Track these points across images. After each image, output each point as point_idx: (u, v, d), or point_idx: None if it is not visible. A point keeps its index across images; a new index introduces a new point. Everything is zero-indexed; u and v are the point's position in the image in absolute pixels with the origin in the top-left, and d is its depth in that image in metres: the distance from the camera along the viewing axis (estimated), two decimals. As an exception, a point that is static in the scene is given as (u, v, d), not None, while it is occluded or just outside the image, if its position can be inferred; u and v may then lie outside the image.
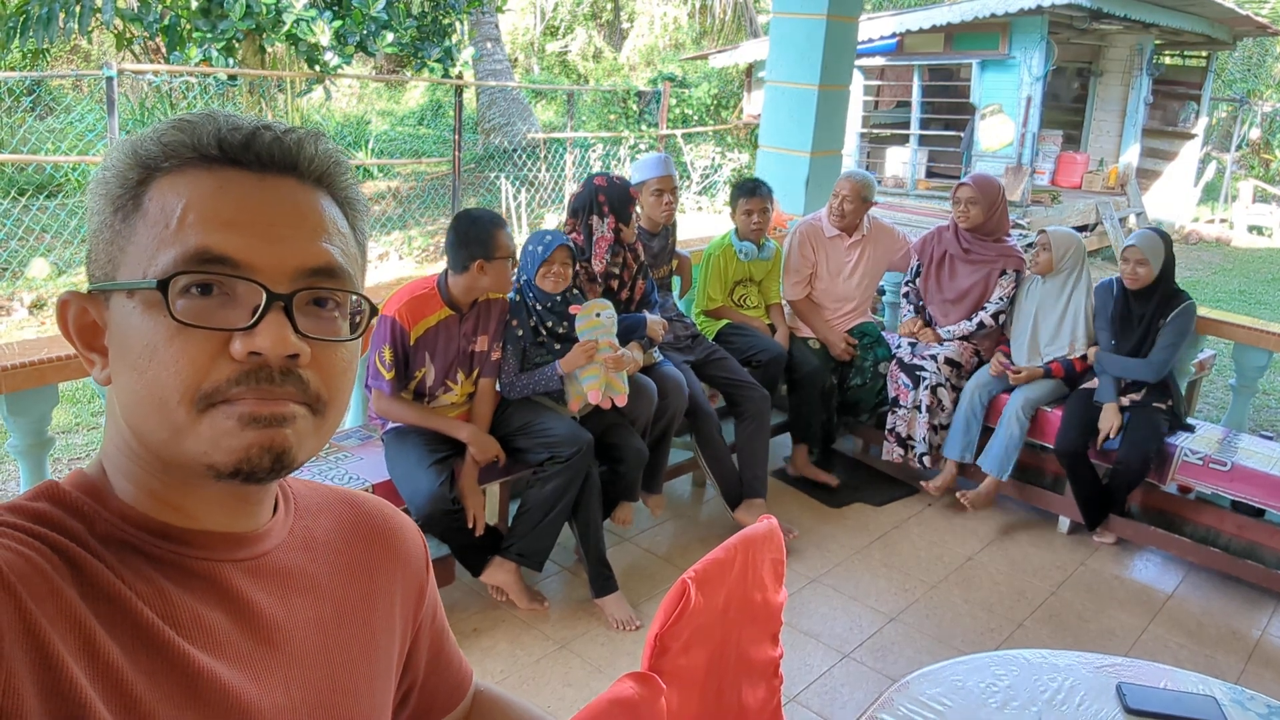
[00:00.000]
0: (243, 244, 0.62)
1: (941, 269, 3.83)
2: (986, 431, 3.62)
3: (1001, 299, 3.71)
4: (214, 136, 0.63)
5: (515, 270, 2.81)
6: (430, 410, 2.70)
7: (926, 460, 3.67)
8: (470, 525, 2.67)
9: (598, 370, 2.83)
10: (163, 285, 0.60)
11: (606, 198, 3.10)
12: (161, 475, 0.65)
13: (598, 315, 2.87)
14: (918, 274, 3.92)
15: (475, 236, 2.59)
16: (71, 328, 0.66)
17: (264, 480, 0.64)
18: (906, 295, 3.95)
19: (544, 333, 2.89)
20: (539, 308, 2.87)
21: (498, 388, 2.87)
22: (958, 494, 3.61)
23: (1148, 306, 3.38)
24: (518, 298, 2.87)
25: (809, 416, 3.78)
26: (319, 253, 0.65)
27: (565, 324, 2.90)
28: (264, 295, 0.61)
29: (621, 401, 2.88)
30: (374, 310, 0.70)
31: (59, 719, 0.54)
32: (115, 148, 0.65)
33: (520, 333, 2.85)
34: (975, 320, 3.73)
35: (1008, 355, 3.68)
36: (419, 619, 0.86)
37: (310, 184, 0.67)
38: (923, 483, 3.70)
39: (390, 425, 2.72)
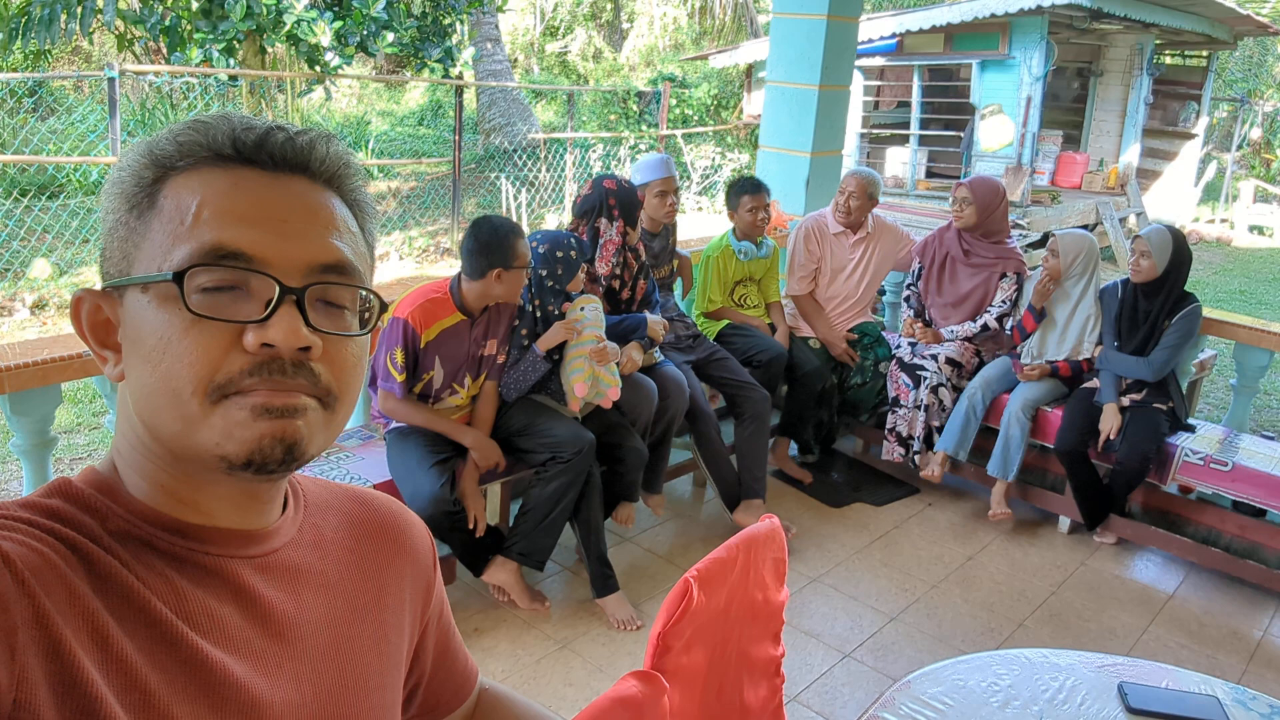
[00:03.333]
0: (256, 239, 0.63)
1: (942, 272, 3.83)
2: (986, 431, 3.62)
3: (1005, 302, 3.71)
4: (228, 136, 0.65)
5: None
6: (435, 413, 2.71)
7: (918, 459, 3.67)
8: (471, 526, 2.67)
9: (583, 364, 2.84)
10: (178, 278, 0.61)
11: (617, 201, 3.09)
12: (174, 470, 0.66)
13: (582, 310, 2.88)
14: (919, 277, 3.92)
15: (495, 245, 2.58)
16: (85, 325, 0.67)
17: (275, 472, 0.64)
18: (907, 299, 3.95)
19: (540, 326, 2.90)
20: (541, 313, 2.88)
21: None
22: (989, 514, 3.56)
23: (1154, 305, 3.38)
24: (529, 308, 2.87)
25: (803, 415, 3.79)
26: (330, 249, 0.66)
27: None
28: (277, 289, 0.63)
29: (615, 395, 2.88)
30: (383, 306, 0.71)
31: (72, 712, 0.55)
32: (131, 148, 0.66)
33: (527, 341, 2.86)
34: (979, 322, 3.73)
35: (1016, 356, 3.66)
36: (426, 616, 0.87)
37: (321, 184, 0.68)
38: (923, 473, 3.67)
39: (393, 425, 2.72)
